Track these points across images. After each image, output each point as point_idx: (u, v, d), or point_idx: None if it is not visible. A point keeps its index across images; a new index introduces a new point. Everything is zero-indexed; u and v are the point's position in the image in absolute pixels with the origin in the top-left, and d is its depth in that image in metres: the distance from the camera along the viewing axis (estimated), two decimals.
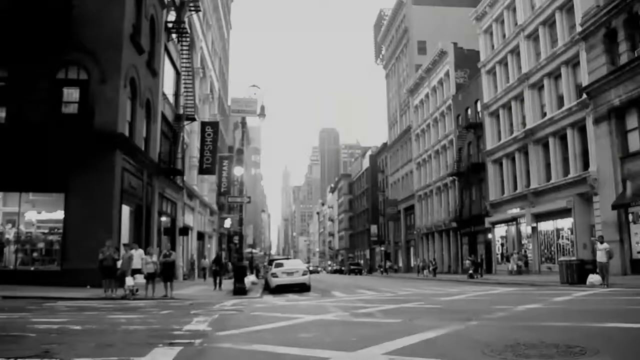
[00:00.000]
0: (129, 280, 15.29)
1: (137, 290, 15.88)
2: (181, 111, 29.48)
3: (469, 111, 41.07)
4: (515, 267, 29.87)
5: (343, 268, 75.06)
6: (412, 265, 55.79)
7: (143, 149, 21.86)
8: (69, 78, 18.69)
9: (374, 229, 73.20)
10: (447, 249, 46.16)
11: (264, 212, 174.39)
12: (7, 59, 18.28)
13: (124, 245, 16.84)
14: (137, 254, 16.17)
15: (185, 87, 29.00)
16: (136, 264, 15.94)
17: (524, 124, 31.85)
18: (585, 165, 25.56)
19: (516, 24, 32.85)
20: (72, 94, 18.83)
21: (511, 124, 33.96)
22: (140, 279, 16.02)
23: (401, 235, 60.76)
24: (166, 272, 16.20)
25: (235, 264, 20.83)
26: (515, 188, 32.91)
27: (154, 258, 16.36)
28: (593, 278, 17.51)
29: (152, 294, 15.34)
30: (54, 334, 6.99)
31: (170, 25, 26.24)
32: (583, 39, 24.84)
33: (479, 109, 38.99)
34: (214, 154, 33.63)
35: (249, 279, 22.61)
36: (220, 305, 12.96)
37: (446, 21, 53.70)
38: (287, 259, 30.32)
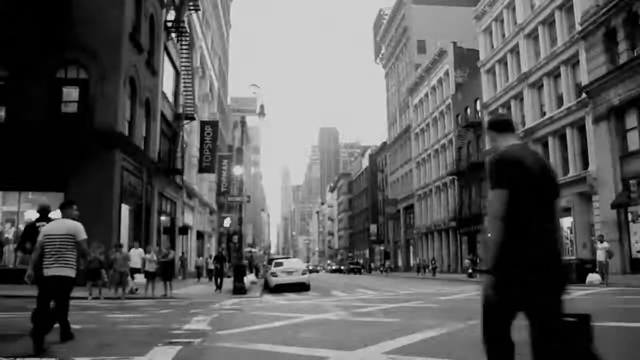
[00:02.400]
0: (130, 281, 15.25)
1: (136, 290, 15.85)
2: (181, 110, 29.47)
3: (469, 110, 41.08)
4: None
5: (342, 267, 75.07)
6: (411, 264, 55.81)
7: (142, 148, 21.85)
8: (68, 77, 18.68)
9: (373, 228, 73.22)
10: (447, 248, 46.18)
11: (263, 211, 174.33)
12: (7, 58, 18.26)
13: (115, 246, 16.24)
14: (137, 253, 16.05)
15: (184, 87, 28.98)
16: (135, 263, 15.79)
17: (523, 123, 31.85)
18: (585, 164, 25.57)
19: (516, 23, 32.86)
20: (71, 93, 18.81)
21: None
22: (140, 278, 15.96)
23: (401, 234, 60.79)
24: (165, 271, 16.13)
25: (235, 263, 20.79)
26: None
27: (155, 257, 16.30)
28: (592, 277, 17.52)
29: (152, 293, 15.33)
30: (53, 333, 6.98)
31: (169, 24, 26.21)
32: (582, 38, 24.85)
33: (478, 108, 39.00)
34: (213, 153, 33.63)
35: (249, 278, 22.59)
36: (219, 304, 12.96)
37: (446, 20, 53.71)
38: (287, 258, 30.31)
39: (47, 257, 6.17)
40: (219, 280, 19.34)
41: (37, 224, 7.38)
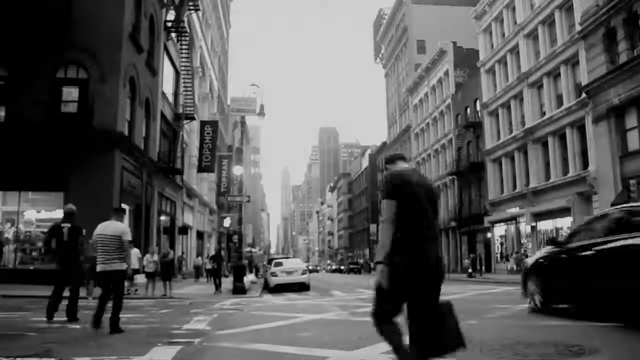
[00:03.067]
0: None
1: (136, 291, 15.82)
2: (180, 110, 29.47)
3: (468, 110, 41.08)
4: (514, 266, 29.91)
5: (342, 267, 75.07)
6: None
7: (142, 148, 21.85)
8: (68, 77, 18.66)
9: (373, 228, 73.22)
10: (446, 248, 46.18)
11: (263, 211, 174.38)
12: (7, 58, 18.27)
13: None
14: (133, 253, 16.02)
15: (184, 86, 28.98)
16: (133, 264, 15.76)
17: (523, 123, 31.86)
18: (585, 164, 25.58)
19: (515, 23, 32.86)
20: (71, 93, 18.80)
21: (510, 123, 33.98)
22: (140, 278, 15.85)
23: None
24: (165, 271, 16.13)
25: (235, 263, 20.79)
26: (515, 187, 32.93)
27: (155, 257, 16.27)
28: None
29: (152, 293, 15.33)
30: (54, 333, 6.99)
31: (169, 24, 26.21)
32: (582, 38, 24.86)
33: (478, 108, 39.01)
34: (213, 153, 33.63)
35: (248, 278, 22.60)
36: (219, 304, 12.97)
37: (446, 20, 53.73)
38: (287, 258, 30.30)
39: (99, 254, 7.34)
40: (217, 280, 18.95)
41: (62, 225, 8.48)
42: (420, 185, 3.42)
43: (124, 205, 19.62)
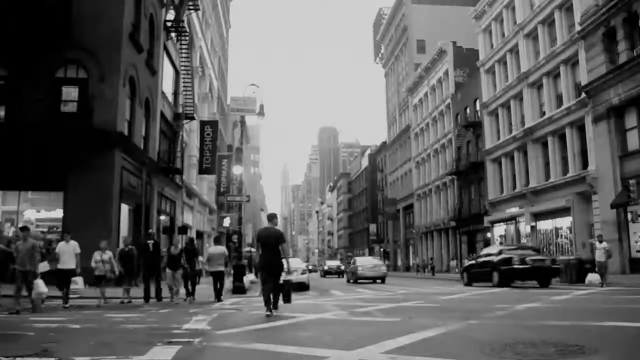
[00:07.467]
0: (40, 286, 10.96)
1: (66, 303, 11.67)
2: (180, 110, 29.45)
3: (468, 110, 41.09)
4: None
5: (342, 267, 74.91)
6: (411, 264, 55.82)
7: (142, 147, 21.84)
8: (68, 77, 18.64)
9: (373, 228, 73.21)
10: (446, 248, 46.20)
11: (263, 211, 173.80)
12: (7, 57, 18.25)
13: (21, 229, 12.07)
14: (70, 247, 12.00)
15: (184, 86, 28.96)
16: (67, 261, 11.89)
17: (523, 123, 31.87)
18: (584, 164, 25.59)
19: (515, 22, 32.87)
20: (71, 92, 18.78)
21: (510, 123, 33.99)
22: (80, 282, 13.14)
23: (400, 234, 60.79)
24: (127, 268, 13.34)
25: (235, 263, 20.75)
26: (514, 187, 32.94)
27: (105, 256, 12.82)
28: (592, 277, 17.54)
29: (104, 302, 12.31)
30: (53, 333, 6.99)
31: (169, 24, 26.19)
32: (582, 37, 24.87)
33: (478, 108, 39.02)
34: (213, 153, 33.62)
35: (248, 278, 22.58)
36: (219, 304, 12.97)
37: (445, 20, 53.72)
38: None
39: (211, 262, 14.06)
40: (189, 285, 14.19)
41: (147, 242, 14.13)
42: (265, 235, 9.22)
43: (123, 205, 19.67)
